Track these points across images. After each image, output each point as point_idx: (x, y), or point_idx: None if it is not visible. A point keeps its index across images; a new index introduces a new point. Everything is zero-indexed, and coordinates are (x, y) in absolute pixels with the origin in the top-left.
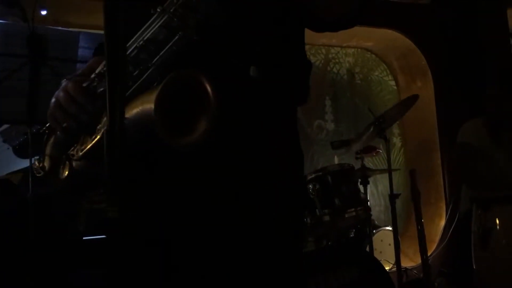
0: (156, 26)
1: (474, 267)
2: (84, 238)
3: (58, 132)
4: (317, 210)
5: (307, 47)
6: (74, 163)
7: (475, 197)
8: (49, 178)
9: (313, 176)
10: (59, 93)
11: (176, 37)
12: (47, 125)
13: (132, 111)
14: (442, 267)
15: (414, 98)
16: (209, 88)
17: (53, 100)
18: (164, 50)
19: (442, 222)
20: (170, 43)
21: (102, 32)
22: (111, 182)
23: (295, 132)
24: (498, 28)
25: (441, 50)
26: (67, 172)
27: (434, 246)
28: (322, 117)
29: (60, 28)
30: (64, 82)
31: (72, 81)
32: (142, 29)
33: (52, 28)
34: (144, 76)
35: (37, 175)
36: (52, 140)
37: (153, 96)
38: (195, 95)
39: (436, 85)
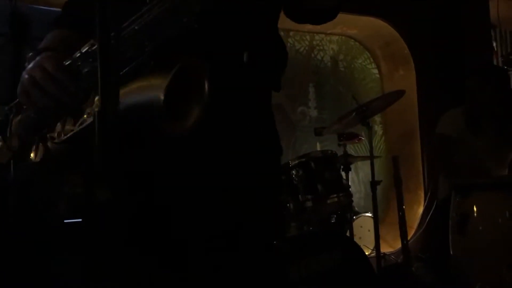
0: (159, 10)
1: (451, 252)
2: (65, 221)
3: (28, 111)
4: (300, 195)
5: (292, 33)
6: (51, 146)
7: (454, 184)
8: (15, 158)
9: (296, 162)
10: (34, 69)
11: (179, 23)
12: (15, 101)
13: (132, 95)
14: (420, 252)
15: (399, 93)
16: (206, 77)
17: (25, 76)
18: (163, 34)
19: (421, 209)
20: (171, 29)
21: None
22: (102, 165)
23: (272, 116)
24: (480, 19)
25: (424, 39)
26: (41, 155)
27: (412, 232)
28: (306, 104)
29: (43, 7)
30: (34, 58)
31: (49, 57)
32: (143, 10)
33: (34, 7)
34: (139, 59)
35: None
36: (20, 118)
37: (158, 83)
38: (192, 82)
39: (418, 74)
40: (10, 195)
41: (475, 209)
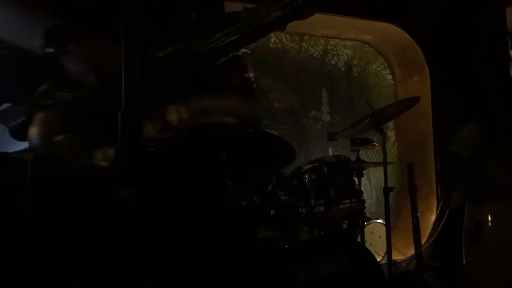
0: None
1: (464, 261)
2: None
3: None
4: (312, 200)
5: (306, 38)
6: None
7: (468, 193)
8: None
9: (309, 166)
10: None
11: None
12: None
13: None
14: (431, 261)
15: (414, 99)
16: None
17: None
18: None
19: (433, 217)
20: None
21: None
22: (126, 164)
23: None
24: (497, 27)
25: (439, 45)
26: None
27: (423, 240)
28: (318, 108)
29: None
30: None
31: None
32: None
33: None
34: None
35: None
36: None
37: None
38: None
39: (432, 81)
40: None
41: (489, 218)
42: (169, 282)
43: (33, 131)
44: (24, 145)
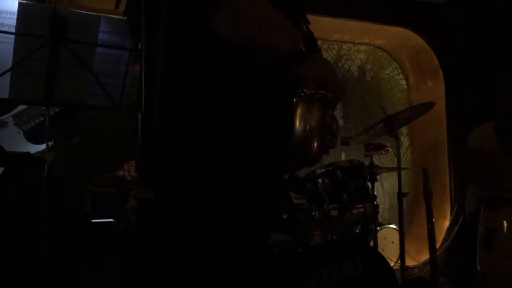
0: None
1: (478, 268)
2: (92, 221)
3: None
4: (325, 204)
5: (319, 42)
6: None
7: (483, 199)
8: None
9: (322, 170)
10: None
11: None
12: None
13: None
14: (444, 267)
15: (429, 105)
16: None
17: None
18: None
19: (446, 223)
20: None
21: (121, 17)
22: (145, 166)
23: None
24: (509, 30)
25: (453, 50)
26: None
27: (437, 246)
28: None
29: (81, 11)
30: None
31: None
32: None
33: (73, 11)
34: None
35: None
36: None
37: None
38: None
39: (447, 86)
40: (41, 192)
41: (504, 224)
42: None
43: None
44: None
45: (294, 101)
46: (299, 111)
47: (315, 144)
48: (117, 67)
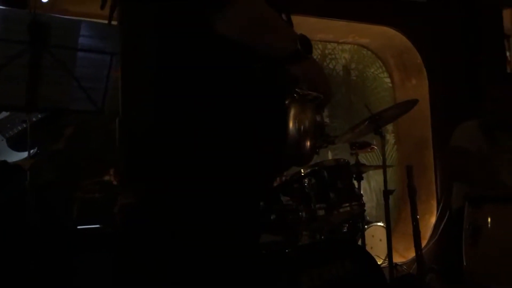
0: None
1: (464, 264)
2: (78, 227)
3: None
4: (312, 204)
5: None
6: None
7: (468, 195)
8: None
9: (308, 170)
10: None
11: None
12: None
13: None
14: (432, 263)
15: (412, 102)
16: None
17: None
18: None
19: (433, 219)
20: None
21: (103, 21)
22: (125, 171)
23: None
24: (493, 29)
25: (437, 48)
26: None
27: (424, 243)
28: None
29: (61, 16)
30: None
31: None
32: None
33: (53, 16)
34: None
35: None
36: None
37: None
38: None
39: (430, 84)
40: (28, 199)
41: (488, 220)
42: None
43: None
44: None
45: (288, 102)
46: (292, 112)
47: (308, 144)
48: (99, 71)
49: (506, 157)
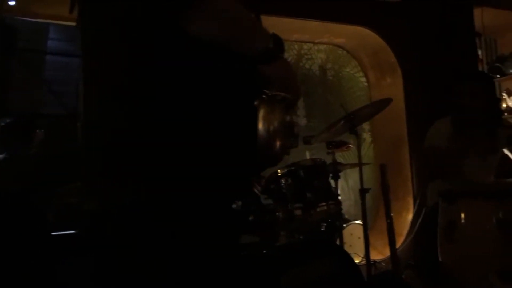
0: None
1: (440, 259)
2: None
3: None
4: (289, 204)
5: None
6: None
7: (441, 191)
8: None
9: (285, 170)
10: None
11: None
12: None
13: None
14: (410, 259)
15: (386, 101)
16: None
17: None
18: None
19: (410, 216)
20: None
21: (72, 23)
22: (88, 176)
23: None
24: (465, 28)
25: (411, 47)
26: None
27: (402, 239)
28: (294, 112)
29: (29, 19)
30: None
31: None
32: None
33: (21, 19)
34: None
35: None
36: None
37: None
38: None
39: (405, 82)
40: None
41: (462, 216)
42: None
43: None
44: None
45: (257, 103)
46: (261, 113)
47: (278, 145)
48: (69, 74)
49: (472, 150)
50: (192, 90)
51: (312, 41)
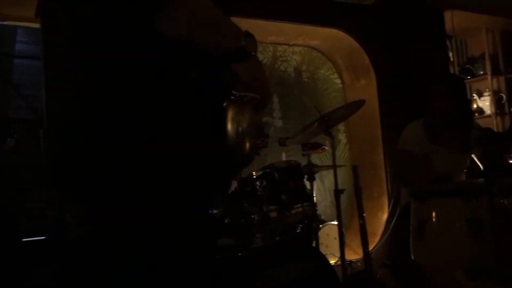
0: None
1: (412, 257)
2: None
3: None
4: (264, 206)
5: None
6: None
7: (413, 191)
8: None
9: (260, 173)
10: None
11: None
12: None
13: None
14: (385, 258)
15: (360, 103)
16: None
17: None
18: None
19: (385, 216)
20: None
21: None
22: (52, 182)
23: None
24: (436, 30)
25: (384, 49)
26: None
27: (377, 239)
28: (270, 114)
29: None
30: None
31: None
32: None
33: None
34: None
35: None
36: None
37: None
38: None
39: (379, 84)
40: None
41: (433, 215)
42: None
43: None
44: None
45: (225, 104)
46: (230, 114)
47: (248, 146)
48: (39, 78)
49: (449, 152)
50: (159, 90)
51: (287, 43)
